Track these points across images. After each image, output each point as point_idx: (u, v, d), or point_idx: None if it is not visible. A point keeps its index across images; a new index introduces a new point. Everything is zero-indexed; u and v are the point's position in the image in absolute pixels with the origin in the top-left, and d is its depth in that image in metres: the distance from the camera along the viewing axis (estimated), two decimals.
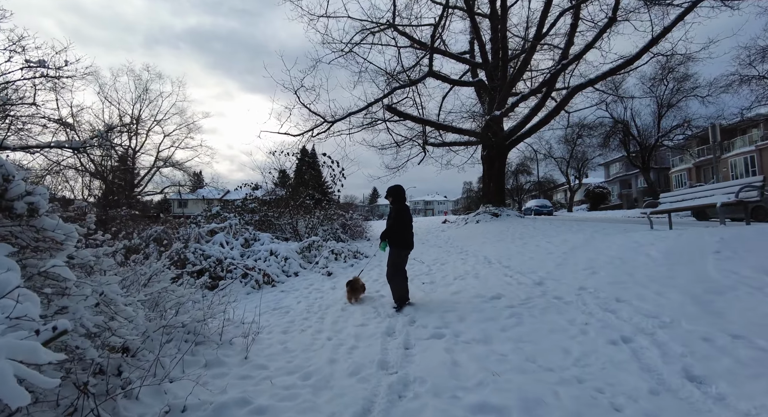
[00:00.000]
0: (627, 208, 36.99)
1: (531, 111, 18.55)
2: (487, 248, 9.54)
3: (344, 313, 5.14)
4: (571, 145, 37.32)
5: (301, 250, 10.30)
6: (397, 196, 5.44)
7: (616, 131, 28.82)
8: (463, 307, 4.80)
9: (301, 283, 7.88)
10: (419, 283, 6.53)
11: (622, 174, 46.76)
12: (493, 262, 7.57)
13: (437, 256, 9.32)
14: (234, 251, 9.16)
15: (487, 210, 18.45)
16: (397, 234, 5.29)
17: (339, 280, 7.84)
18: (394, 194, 5.47)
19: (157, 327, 3.47)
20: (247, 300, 6.93)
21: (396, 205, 5.42)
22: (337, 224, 17.55)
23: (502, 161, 19.78)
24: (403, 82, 16.38)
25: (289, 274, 8.77)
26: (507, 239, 10.70)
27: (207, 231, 10.07)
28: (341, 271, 9.01)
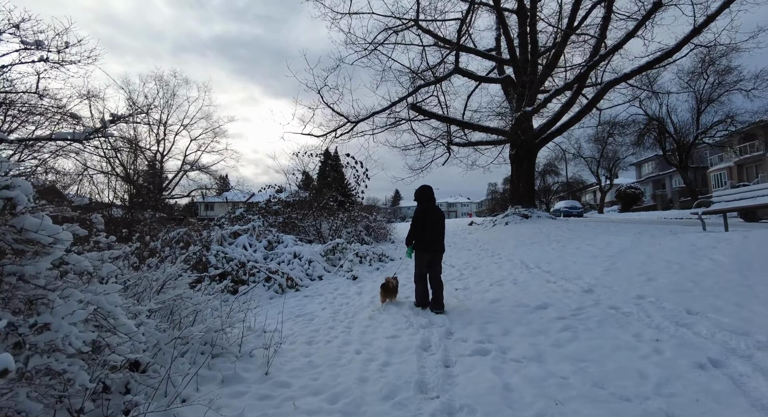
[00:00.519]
0: (662, 209, 35.30)
1: (562, 108, 17.75)
2: (522, 251, 8.96)
3: (373, 323, 4.72)
4: (601, 144, 35.96)
5: (325, 253, 9.97)
6: (420, 197, 5.28)
7: (650, 129, 27.49)
8: (506, 317, 4.31)
9: (326, 287, 7.52)
10: (452, 289, 6.05)
11: (656, 174, 44.81)
12: (531, 266, 7.02)
13: (468, 260, 8.81)
14: (257, 254, 8.90)
15: (516, 211, 17.76)
16: (412, 236, 5.20)
17: (365, 285, 7.44)
18: (416, 195, 5.35)
19: (169, 339, 3.14)
20: (269, 305, 6.61)
21: (417, 206, 5.26)
22: (361, 226, 17.22)
23: (532, 160, 19.05)
24: (428, 79, 15.91)
25: (313, 277, 8.44)
26: (542, 242, 10.08)
27: (230, 233, 9.86)
28: (366, 275, 8.62)
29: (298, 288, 7.54)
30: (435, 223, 5.14)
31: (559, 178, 49.84)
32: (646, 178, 47.14)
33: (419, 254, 5.18)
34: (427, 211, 5.14)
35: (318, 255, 9.39)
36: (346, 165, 14.57)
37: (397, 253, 13.12)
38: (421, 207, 5.19)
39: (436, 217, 5.17)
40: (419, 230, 5.12)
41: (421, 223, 5.11)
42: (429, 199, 5.24)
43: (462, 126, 18.56)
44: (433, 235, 5.11)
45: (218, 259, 7.73)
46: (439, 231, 5.17)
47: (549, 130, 18.59)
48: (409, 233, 5.26)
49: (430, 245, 5.12)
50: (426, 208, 5.16)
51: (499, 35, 20.04)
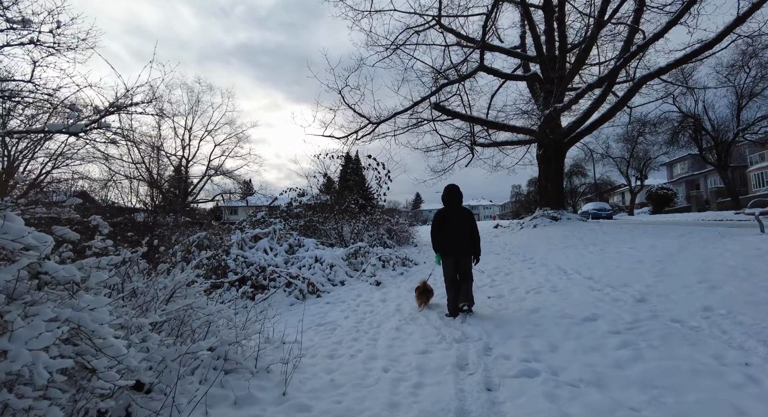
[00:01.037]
0: (697, 210, 33.63)
1: (591, 105, 16.98)
2: (556, 255, 8.39)
3: (400, 334, 4.31)
4: (631, 144, 34.60)
5: (347, 257, 9.62)
6: (443, 199, 5.12)
7: (685, 126, 26.20)
8: (550, 330, 3.84)
9: (348, 293, 7.16)
10: (483, 297, 5.59)
11: (689, 174, 42.85)
12: (569, 272, 6.48)
13: (498, 265, 8.30)
14: (278, 258, 8.63)
15: (544, 213, 17.06)
16: (433, 241, 5.06)
17: (389, 291, 7.04)
18: (442, 197, 5.16)
19: (176, 355, 2.82)
20: (290, 313, 6.28)
21: (439, 209, 5.16)
22: (383, 229, 16.84)
23: (560, 160, 18.33)
24: (452, 78, 15.44)
25: (335, 282, 8.09)
26: (576, 245, 9.47)
27: (251, 236, 9.63)
28: (390, 280, 8.21)
29: (319, 294, 7.20)
30: (455, 224, 4.89)
31: (587, 180, 48.36)
32: (679, 179, 45.17)
33: (443, 258, 4.97)
34: (444, 214, 4.97)
35: (340, 259, 9.05)
36: (367, 167, 14.27)
37: (421, 256, 12.69)
38: (439, 210, 5.07)
39: (456, 219, 4.91)
40: (436, 233, 4.99)
41: (436, 226, 4.99)
42: (450, 201, 5.03)
43: (487, 125, 17.99)
44: (453, 237, 4.87)
45: (237, 263, 7.48)
46: (461, 232, 4.87)
47: (578, 129, 17.84)
48: (431, 237, 5.12)
49: (451, 248, 4.88)
50: (444, 211, 5.01)
51: (524, 33, 19.42)
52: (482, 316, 4.66)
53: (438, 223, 4.97)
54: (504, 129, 18.19)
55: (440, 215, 4.98)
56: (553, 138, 17.23)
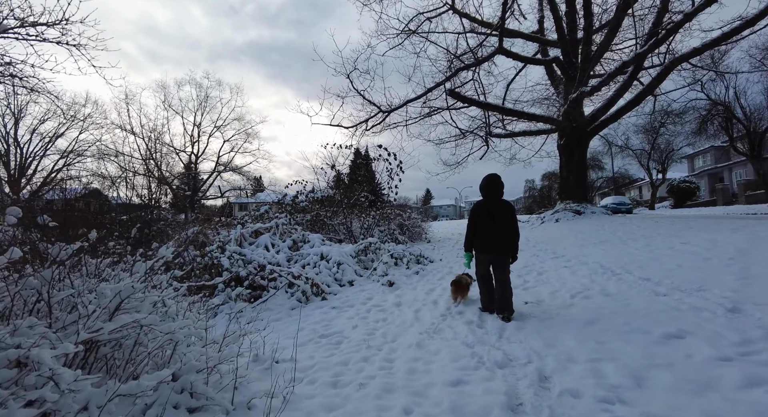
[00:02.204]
0: (723, 204, 32.06)
1: (617, 91, 15.81)
2: (593, 251, 7.39)
3: (423, 354, 3.39)
4: (652, 135, 33.09)
5: (356, 254, 8.73)
6: (481, 190, 4.53)
7: (714, 115, 24.72)
8: (623, 351, 2.89)
9: (357, 295, 6.25)
10: (520, 302, 4.65)
11: (711, 167, 41.08)
12: (617, 271, 5.49)
13: (527, 262, 7.33)
14: (280, 255, 7.76)
15: (567, 207, 15.99)
16: (467, 238, 4.59)
17: (404, 293, 6.13)
18: (480, 188, 4.56)
19: (106, 397, 1.93)
20: (290, 319, 5.40)
21: (476, 202, 4.57)
22: (395, 224, 15.93)
23: (583, 150, 17.21)
24: (468, 62, 14.39)
25: (343, 283, 7.20)
26: (613, 240, 8.45)
27: (251, 232, 8.79)
28: (404, 281, 7.30)
29: (324, 296, 6.31)
30: (496, 219, 4.33)
31: (604, 173, 46.81)
32: (701, 172, 43.39)
33: (478, 255, 4.50)
34: (482, 207, 4.43)
35: (348, 256, 8.15)
36: (377, 157, 13.32)
37: (436, 253, 11.75)
38: (477, 203, 4.52)
39: (497, 213, 4.35)
40: (472, 229, 4.50)
41: (474, 221, 4.48)
42: (491, 193, 4.42)
43: (504, 113, 16.92)
44: (491, 232, 4.34)
45: (233, 261, 6.62)
46: (501, 228, 4.32)
47: (602, 117, 16.71)
48: (466, 234, 4.60)
49: (488, 245, 4.35)
50: (484, 204, 4.44)
51: (542, 17, 18.31)
52: (523, 327, 3.73)
53: (476, 217, 4.42)
54: (523, 117, 17.11)
55: (479, 208, 4.42)
56: (576, 126, 16.12)
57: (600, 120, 16.66)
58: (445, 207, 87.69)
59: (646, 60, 15.37)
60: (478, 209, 4.42)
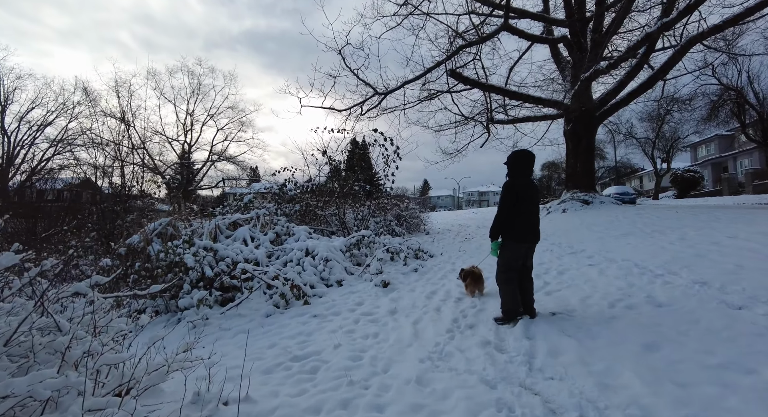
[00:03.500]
0: (729, 194, 31.21)
1: (628, 73, 14.78)
2: (617, 246, 6.44)
3: (427, 398, 2.42)
4: (657, 123, 32.05)
5: (347, 248, 7.76)
6: (513, 166, 3.84)
7: (726, 100, 23.67)
8: (723, 401, 1.94)
9: (346, 299, 5.29)
10: (545, 312, 3.70)
11: (715, 156, 40.16)
12: (657, 271, 4.54)
13: (540, 258, 6.38)
14: (259, 250, 6.78)
15: (574, 196, 15.03)
16: (502, 223, 3.74)
17: (400, 296, 5.18)
18: (509, 164, 3.89)
19: None
20: (261, 331, 4.43)
21: (508, 181, 3.83)
22: (391, 215, 14.95)
23: (591, 137, 16.21)
24: (471, 38, 13.26)
25: (330, 282, 6.24)
26: (635, 232, 7.50)
27: (228, 223, 7.80)
28: (401, 280, 6.34)
29: (307, 300, 5.34)
30: (532, 202, 3.78)
31: (605, 163, 45.88)
32: (704, 161, 42.50)
33: (513, 246, 3.75)
34: (524, 188, 3.73)
35: (338, 251, 7.18)
36: (373, 143, 12.28)
37: (436, 247, 10.81)
38: (511, 183, 3.76)
39: (533, 195, 3.80)
40: (507, 214, 3.69)
41: (509, 204, 3.69)
42: (525, 171, 3.81)
43: (508, 96, 15.87)
44: (531, 218, 3.77)
45: (199, 258, 5.62)
46: (537, 213, 3.85)
47: (611, 101, 15.71)
48: (495, 219, 3.76)
49: (527, 233, 3.75)
50: (519, 185, 3.73)
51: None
52: (559, 352, 2.78)
53: (515, 198, 3.68)
54: (528, 100, 16.04)
55: (521, 189, 3.71)
56: (585, 111, 15.10)
57: (609, 104, 15.65)
58: (443, 197, 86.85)
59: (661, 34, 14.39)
60: (519, 190, 3.69)
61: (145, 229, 6.92)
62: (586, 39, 15.59)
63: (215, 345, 3.89)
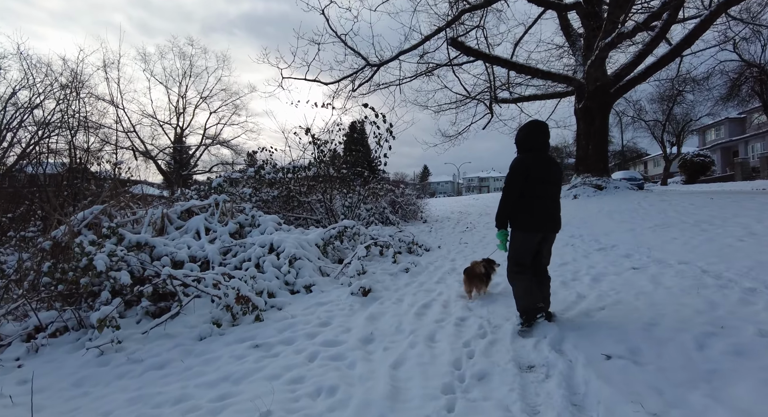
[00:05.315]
0: (742, 179, 29.82)
1: (648, 44, 13.28)
2: (657, 241, 5.11)
3: None
4: (668, 105, 30.43)
5: (324, 243, 6.42)
6: (522, 143, 3.08)
7: (748, 77, 22.07)
8: None
9: (309, 315, 3.95)
10: (597, 355, 2.38)
11: (726, 140, 38.60)
12: (744, 282, 3.22)
13: (565, 257, 5.06)
14: (212, 246, 5.44)
15: (586, 181, 13.68)
16: (506, 208, 2.99)
17: (382, 312, 3.86)
18: (517, 140, 3.14)
19: None
20: (178, 369, 3.09)
21: (517, 156, 3.04)
22: (385, 202, 13.59)
23: (605, 115, 14.81)
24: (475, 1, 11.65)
25: (297, 288, 4.91)
26: (675, 223, 6.16)
27: (180, 212, 6.44)
28: (387, 284, 5.02)
29: (260, 315, 4.02)
30: (548, 182, 3.00)
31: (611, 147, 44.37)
32: (713, 146, 40.96)
33: (523, 236, 3.02)
34: (537, 165, 2.96)
35: (312, 247, 5.83)
36: (364, 120, 10.82)
37: (434, 238, 9.50)
38: (521, 159, 2.99)
39: (549, 174, 3.00)
40: (513, 197, 2.96)
41: (519, 185, 2.94)
42: (539, 145, 3.04)
43: (516, 70, 14.36)
44: (546, 202, 2.99)
45: (117, 260, 4.26)
46: (555, 195, 3.06)
47: (627, 76, 14.26)
48: (501, 204, 3.03)
49: (545, 222, 2.99)
50: (531, 160, 2.96)
51: None
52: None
53: (525, 179, 2.93)
54: (536, 75, 14.53)
55: (532, 165, 2.95)
56: (600, 85, 13.65)
57: (625, 79, 14.19)
58: (443, 183, 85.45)
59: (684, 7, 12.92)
60: (530, 167, 2.93)
61: (71, 220, 5.56)
62: (600, 8, 14.06)
63: (93, 400, 2.59)
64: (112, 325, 3.53)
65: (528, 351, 2.63)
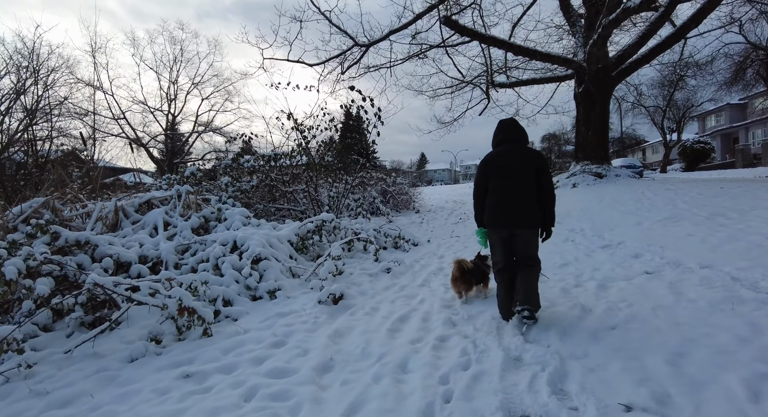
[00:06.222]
0: (742, 166, 29.27)
1: (654, 23, 12.51)
2: (669, 237, 4.51)
3: None
4: (669, 90, 29.64)
5: (300, 239, 5.80)
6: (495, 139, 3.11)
7: (754, 60, 21.31)
8: None
9: (265, 330, 3.33)
10: (614, 404, 1.78)
11: (726, 126, 37.93)
12: None
13: (565, 255, 4.46)
14: (167, 244, 4.81)
15: (585, 169, 13.02)
16: (475, 204, 3.13)
17: (351, 327, 3.26)
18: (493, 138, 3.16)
19: None
20: (82, 408, 2.48)
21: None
22: (375, 191, 12.96)
23: (606, 100, 14.05)
24: None
25: (259, 293, 4.29)
26: (687, 216, 5.56)
27: (138, 204, 5.78)
28: (364, 288, 4.42)
29: (208, 329, 3.41)
30: (511, 175, 2.87)
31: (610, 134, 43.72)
32: (713, 132, 40.32)
33: (490, 233, 3.00)
34: (490, 158, 2.99)
35: (281, 244, 5.20)
36: (350, 104, 10.09)
37: (424, 230, 8.90)
38: (485, 156, 3.06)
39: (513, 166, 2.87)
40: (480, 195, 3.04)
41: (481, 181, 3.02)
42: (506, 138, 3.00)
43: (513, 51, 13.60)
44: (504, 195, 2.87)
45: (37, 265, 3.62)
46: (520, 187, 2.84)
47: (632, 57, 13.52)
48: (474, 205, 3.11)
49: (498, 215, 2.88)
50: (489, 155, 3.02)
51: None
52: None
53: (484, 173, 2.94)
54: (535, 57, 13.77)
55: (482, 162, 3.02)
56: (601, 68, 12.92)
57: (628, 62, 13.44)
58: (440, 171, 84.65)
59: None
60: (486, 162, 3.02)
61: (6, 214, 4.90)
62: None
63: None
64: (13, 349, 2.90)
65: (521, 392, 2.03)
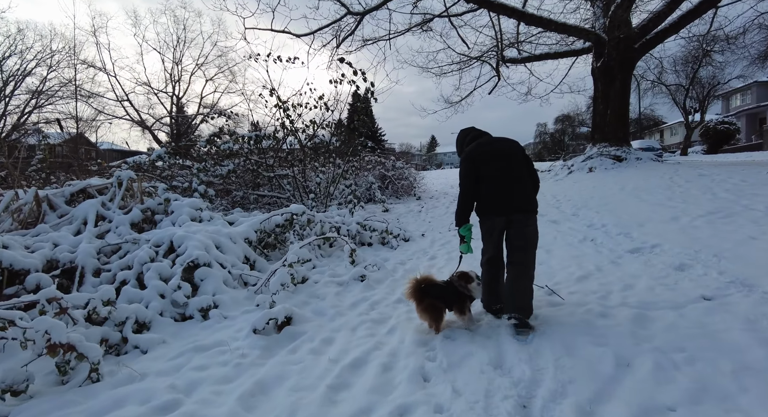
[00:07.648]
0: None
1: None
2: (727, 243, 3.46)
3: None
4: (693, 67, 27.75)
5: (271, 234, 4.86)
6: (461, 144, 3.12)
7: None
8: None
9: (165, 377, 2.40)
10: None
11: (753, 106, 35.77)
12: None
13: (582, 260, 3.44)
14: (88, 246, 3.89)
15: (603, 151, 11.82)
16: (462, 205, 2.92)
17: (285, 374, 2.32)
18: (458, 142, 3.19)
19: None
20: None
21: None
22: (373, 176, 11.94)
23: (627, 75, 12.74)
24: None
25: (190, 311, 3.37)
26: (740, 211, 4.48)
27: (70, 194, 4.86)
28: (325, 307, 3.47)
29: (97, 370, 2.50)
30: (505, 160, 2.74)
31: None
32: (738, 112, 38.13)
33: (484, 221, 2.83)
34: (481, 148, 2.82)
35: (234, 244, 4.26)
36: (340, 79, 8.99)
37: (420, 221, 7.92)
38: (469, 148, 2.90)
39: (500, 152, 2.78)
40: (467, 189, 2.83)
41: (469, 173, 2.80)
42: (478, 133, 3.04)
43: (526, 20, 12.27)
44: (505, 181, 2.70)
45: None
46: (512, 172, 2.72)
47: (657, 28, 12.14)
48: (458, 200, 2.92)
49: (501, 201, 2.69)
50: (480, 145, 2.85)
51: None
52: None
53: (472, 164, 2.79)
54: (550, 27, 12.43)
55: (476, 151, 2.81)
56: (623, 38, 11.61)
57: (653, 32, 12.05)
58: (449, 154, 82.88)
59: None
60: (474, 153, 2.79)
61: None
62: None
63: None
64: None
65: None
